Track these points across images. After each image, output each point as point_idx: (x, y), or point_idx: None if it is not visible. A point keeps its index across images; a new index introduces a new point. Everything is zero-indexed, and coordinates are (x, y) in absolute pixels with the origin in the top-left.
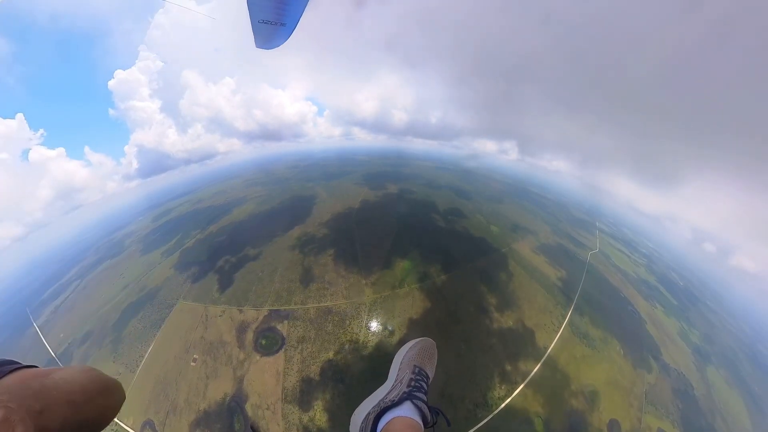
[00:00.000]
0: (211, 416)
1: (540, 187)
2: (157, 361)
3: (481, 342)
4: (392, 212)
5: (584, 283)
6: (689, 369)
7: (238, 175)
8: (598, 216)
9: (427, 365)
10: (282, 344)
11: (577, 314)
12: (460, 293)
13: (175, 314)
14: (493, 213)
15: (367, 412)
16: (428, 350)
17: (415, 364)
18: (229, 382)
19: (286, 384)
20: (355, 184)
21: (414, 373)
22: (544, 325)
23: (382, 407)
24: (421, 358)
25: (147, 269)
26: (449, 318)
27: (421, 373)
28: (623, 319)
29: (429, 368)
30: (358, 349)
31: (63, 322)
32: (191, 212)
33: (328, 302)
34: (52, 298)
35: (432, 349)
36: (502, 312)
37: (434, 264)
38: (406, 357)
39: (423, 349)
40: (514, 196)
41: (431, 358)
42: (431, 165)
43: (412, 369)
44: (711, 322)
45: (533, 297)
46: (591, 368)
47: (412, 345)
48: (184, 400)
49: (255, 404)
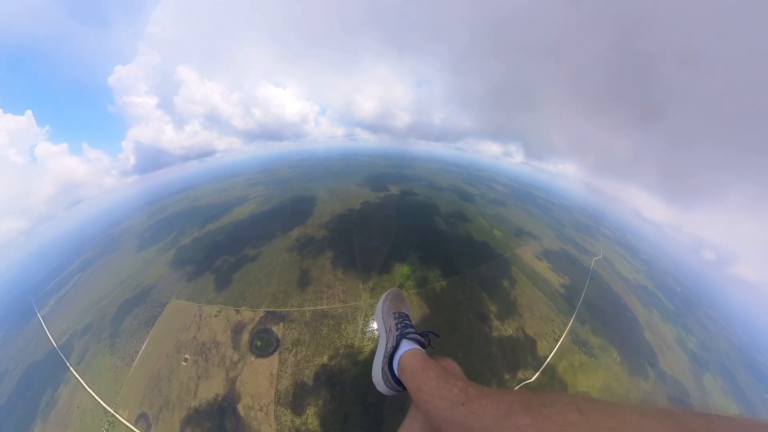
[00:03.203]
0: (202, 415)
1: (545, 191)
2: (150, 357)
3: (479, 350)
4: (393, 214)
5: (587, 291)
6: (685, 376)
7: (239, 174)
8: (602, 221)
9: (402, 307)
10: (276, 346)
11: (579, 322)
12: (460, 300)
13: (167, 313)
14: (497, 216)
15: (381, 367)
16: (397, 296)
17: (393, 312)
18: (222, 382)
19: (279, 386)
20: (357, 184)
21: (395, 318)
22: (545, 334)
23: (388, 356)
24: (395, 305)
25: (142, 266)
26: (448, 325)
27: (401, 315)
28: (623, 326)
29: (404, 308)
30: (353, 354)
31: (65, 314)
32: (189, 210)
33: (325, 305)
34: (56, 289)
35: (399, 293)
36: (503, 320)
37: (434, 269)
38: (384, 310)
39: (393, 298)
40: (518, 199)
41: (402, 300)
42: (435, 166)
43: (393, 316)
44: (708, 329)
45: (535, 305)
46: (587, 376)
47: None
48: (176, 397)
49: (247, 405)
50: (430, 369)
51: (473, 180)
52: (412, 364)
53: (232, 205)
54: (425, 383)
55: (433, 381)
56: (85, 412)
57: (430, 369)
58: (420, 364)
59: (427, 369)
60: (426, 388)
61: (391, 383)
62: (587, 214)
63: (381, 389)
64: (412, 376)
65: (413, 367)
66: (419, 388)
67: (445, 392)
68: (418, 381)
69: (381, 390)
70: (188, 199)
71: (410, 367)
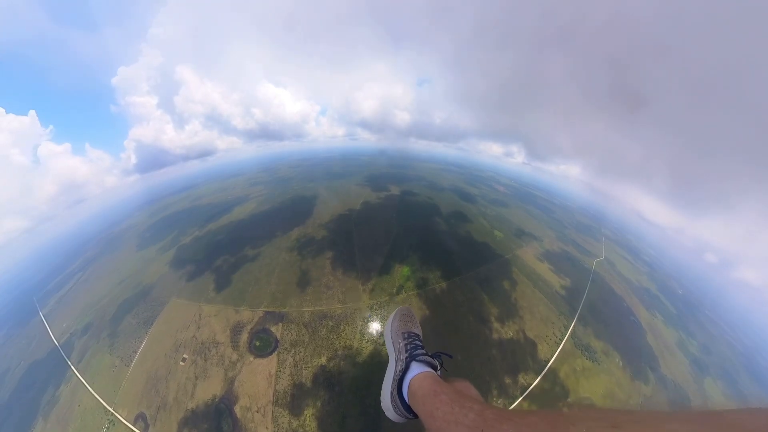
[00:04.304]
0: (199, 416)
1: (546, 191)
2: (149, 357)
3: (479, 353)
4: (393, 215)
5: (589, 293)
6: (686, 380)
7: (240, 173)
8: (603, 222)
9: (412, 326)
10: (275, 347)
11: (581, 325)
12: (460, 301)
13: (167, 312)
14: (498, 217)
15: (390, 392)
16: (407, 314)
17: (402, 331)
18: (220, 382)
19: (277, 387)
20: (357, 185)
21: (405, 338)
22: (545, 337)
23: (397, 380)
24: (404, 324)
25: (142, 265)
26: (447, 327)
27: (410, 335)
28: (625, 329)
29: (415, 328)
30: (352, 356)
31: (66, 313)
32: (189, 209)
33: (324, 306)
34: (57, 288)
35: (409, 312)
36: (503, 322)
37: (434, 270)
38: (393, 330)
39: (403, 317)
40: (519, 200)
41: (412, 318)
42: (435, 166)
43: (403, 336)
44: (710, 333)
45: (536, 307)
46: (589, 381)
47: (392, 318)
48: (173, 398)
49: (245, 406)
50: (442, 393)
51: (474, 180)
52: (423, 388)
53: (233, 205)
54: (438, 408)
55: (447, 406)
56: (86, 411)
57: (443, 393)
58: (432, 388)
59: (440, 393)
60: (439, 414)
61: (400, 410)
62: (588, 215)
63: (390, 416)
64: (423, 402)
65: (424, 391)
66: (432, 414)
67: (460, 417)
68: (430, 406)
69: (390, 417)
70: (189, 198)
71: (421, 390)
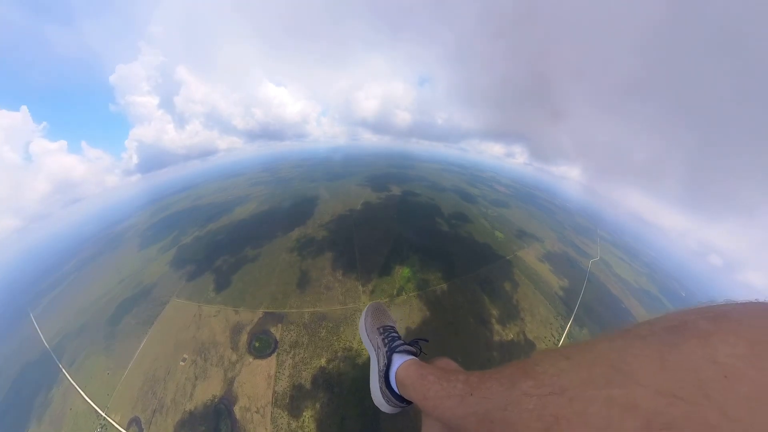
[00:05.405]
0: (197, 418)
1: (546, 192)
2: (147, 358)
3: (480, 355)
4: (394, 215)
5: (584, 294)
6: None
7: (241, 173)
8: (599, 223)
9: (385, 320)
10: (275, 348)
11: (577, 326)
12: (461, 303)
13: (167, 312)
14: (499, 218)
15: (378, 387)
16: (378, 309)
17: (377, 327)
18: (219, 383)
19: (277, 388)
20: (358, 185)
21: (381, 333)
22: (543, 338)
23: (383, 375)
24: (377, 319)
25: (143, 265)
26: (448, 329)
27: (386, 329)
28: None
29: (388, 321)
30: (352, 357)
31: (58, 314)
32: (190, 209)
33: (323, 307)
34: (50, 289)
35: (380, 306)
36: (504, 324)
37: (435, 271)
38: (367, 327)
39: (374, 312)
40: (520, 201)
41: (384, 312)
42: (436, 167)
43: (378, 331)
44: None
45: (536, 308)
46: None
47: (364, 316)
48: (171, 399)
49: (244, 407)
50: (428, 374)
51: (475, 181)
52: (410, 376)
53: (234, 205)
54: (429, 389)
55: (435, 384)
56: (78, 415)
57: (429, 374)
58: (417, 373)
59: (426, 375)
60: (431, 394)
61: (393, 401)
62: (585, 216)
63: (385, 409)
64: (413, 388)
65: (412, 378)
66: (424, 396)
67: (450, 390)
68: (421, 390)
69: (385, 410)
70: (190, 198)
71: (409, 379)
